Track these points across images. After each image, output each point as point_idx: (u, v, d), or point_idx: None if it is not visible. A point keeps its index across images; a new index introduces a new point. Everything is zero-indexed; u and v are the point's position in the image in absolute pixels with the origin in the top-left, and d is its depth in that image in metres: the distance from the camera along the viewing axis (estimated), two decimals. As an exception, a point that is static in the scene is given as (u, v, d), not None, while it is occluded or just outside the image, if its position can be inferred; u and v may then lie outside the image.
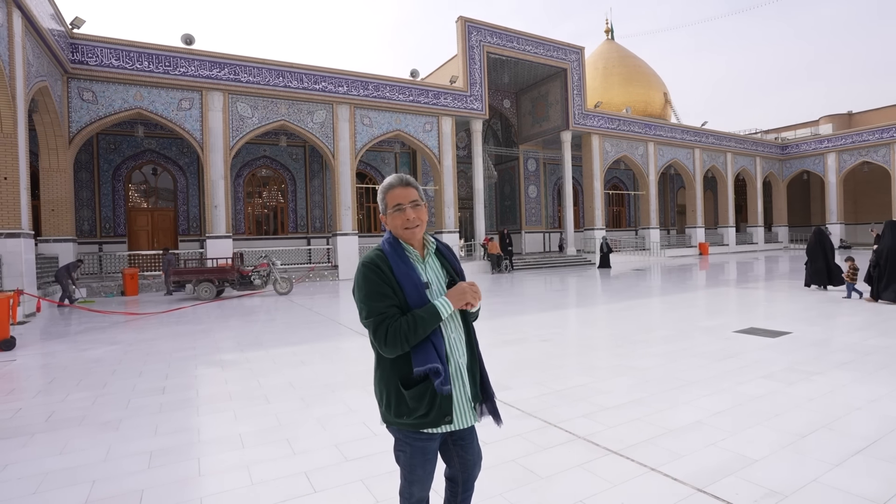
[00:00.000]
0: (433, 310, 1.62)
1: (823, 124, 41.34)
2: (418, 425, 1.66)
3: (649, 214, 28.26)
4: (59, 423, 3.98)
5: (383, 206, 1.75)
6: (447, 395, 1.65)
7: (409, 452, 1.71)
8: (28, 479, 2.99)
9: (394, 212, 1.72)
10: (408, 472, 1.75)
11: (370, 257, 1.68)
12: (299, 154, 22.93)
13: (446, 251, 1.84)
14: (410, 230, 1.72)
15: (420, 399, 1.63)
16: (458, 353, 1.72)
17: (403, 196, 1.72)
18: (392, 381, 1.67)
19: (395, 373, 1.66)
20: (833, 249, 10.97)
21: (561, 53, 24.19)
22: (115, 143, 19.37)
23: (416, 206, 1.73)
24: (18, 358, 6.51)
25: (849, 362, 5.07)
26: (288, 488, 2.78)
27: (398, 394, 1.65)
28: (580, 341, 6.98)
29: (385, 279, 1.63)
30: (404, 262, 1.68)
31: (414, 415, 1.64)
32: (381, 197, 1.77)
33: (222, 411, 4.16)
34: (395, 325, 1.58)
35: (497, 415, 1.82)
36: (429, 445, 1.71)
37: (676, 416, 3.74)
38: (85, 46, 14.73)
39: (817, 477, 2.72)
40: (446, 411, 1.66)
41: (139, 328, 8.79)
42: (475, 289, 1.71)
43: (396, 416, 1.67)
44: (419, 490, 1.78)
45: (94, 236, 18.91)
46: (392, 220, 1.73)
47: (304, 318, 9.37)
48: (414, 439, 1.70)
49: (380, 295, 1.61)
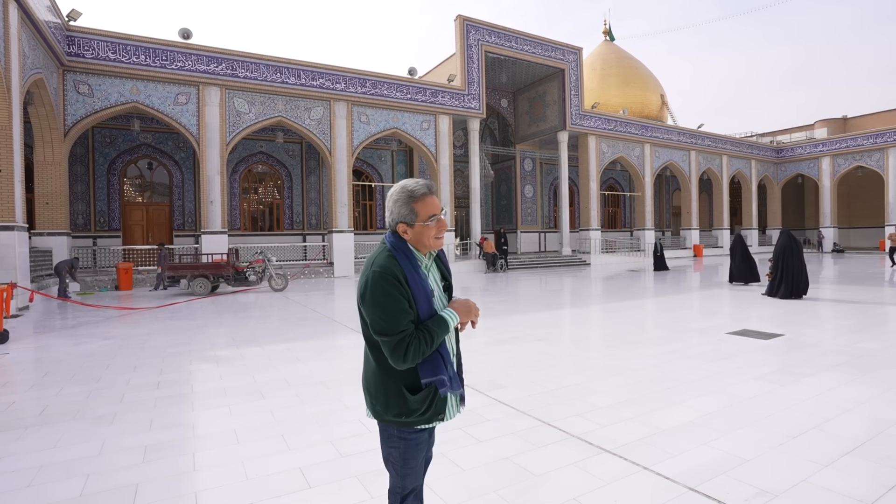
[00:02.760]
0: (444, 324, 1.63)
1: (818, 128, 41.64)
2: (415, 423, 1.69)
3: (645, 216, 28.37)
4: (53, 416, 3.97)
5: (412, 216, 1.63)
6: (445, 396, 1.70)
7: (403, 448, 1.74)
8: (22, 472, 2.98)
9: (429, 223, 1.64)
10: (400, 467, 1.78)
11: (386, 266, 1.59)
12: (296, 150, 22.88)
13: (442, 255, 1.86)
14: (439, 240, 1.69)
15: (423, 402, 1.67)
16: (453, 354, 1.79)
17: (438, 206, 1.66)
18: (395, 385, 1.67)
19: (401, 378, 1.66)
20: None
21: (559, 54, 24.24)
22: (111, 136, 19.26)
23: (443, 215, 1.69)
24: (12, 351, 6.48)
25: (840, 365, 5.12)
26: (283, 484, 2.79)
27: (400, 396, 1.67)
28: (574, 341, 7.02)
29: (403, 293, 1.58)
30: (417, 271, 1.64)
31: (414, 415, 1.68)
32: (402, 205, 1.64)
33: (217, 407, 4.17)
34: (415, 342, 1.56)
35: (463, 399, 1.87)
36: (420, 437, 1.76)
37: (669, 415, 3.77)
38: (81, 39, 14.64)
39: (807, 477, 2.76)
40: (440, 410, 1.71)
41: (133, 323, 8.76)
42: (478, 311, 1.75)
43: (395, 416, 1.69)
44: (412, 481, 1.81)
45: (89, 230, 18.81)
46: (423, 231, 1.64)
47: (300, 315, 9.37)
48: (409, 434, 1.73)
49: (402, 312, 1.56)
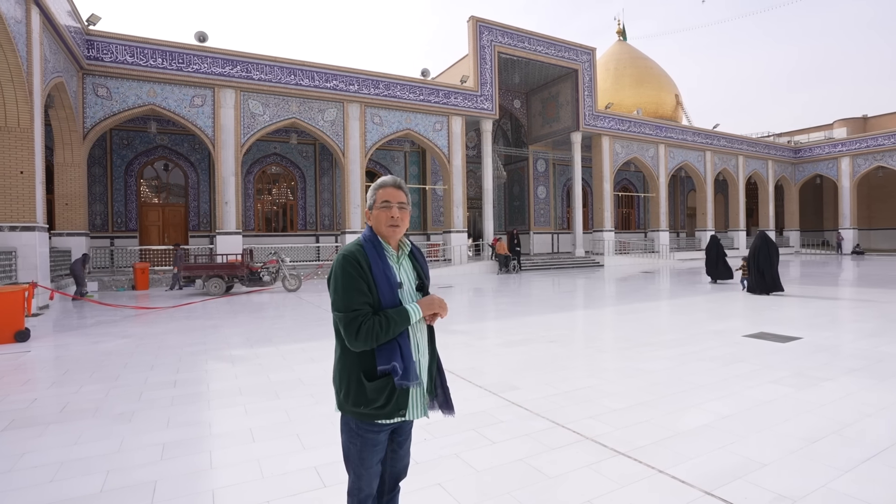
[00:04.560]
0: (405, 314, 1.71)
1: (838, 128, 40.86)
2: (374, 416, 1.73)
3: (659, 217, 28.09)
4: (73, 414, 4.05)
5: (372, 201, 1.84)
6: (405, 389, 1.73)
7: (360, 445, 1.78)
8: (44, 467, 3.05)
9: (381, 207, 1.81)
10: (357, 465, 1.81)
11: (350, 251, 1.74)
12: (309, 152, 23.05)
13: (419, 255, 1.94)
14: (392, 228, 1.80)
15: (381, 391, 1.70)
16: (420, 352, 1.82)
17: (393, 196, 1.82)
18: (354, 372, 1.74)
19: (359, 364, 1.73)
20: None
21: (572, 54, 24.11)
22: (128, 138, 19.59)
23: (402, 207, 1.83)
24: (33, 349, 6.62)
25: (860, 369, 5.03)
26: (298, 482, 2.82)
27: (359, 384, 1.72)
28: (588, 343, 6.97)
29: (362, 275, 1.69)
30: (382, 259, 1.76)
31: (372, 405, 1.71)
32: (371, 193, 1.87)
33: (233, 406, 4.22)
34: (368, 323, 1.65)
35: (448, 406, 1.92)
36: (378, 437, 1.78)
37: (685, 419, 3.74)
38: (100, 43, 14.91)
39: (827, 483, 2.71)
40: (402, 405, 1.74)
41: (150, 322, 8.90)
42: (444, 304, 1.82)
43: (354, 405, 1.73)
44: (367, 485, 1.83)
45: (106, 231, 19.13)
46: (378, 216, 1.81)
47: (313, 316, 9.44)
48: (366, 430, 1.76)
49: (356, 291, 1.68)
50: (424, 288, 1.88)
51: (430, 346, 1.88)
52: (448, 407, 1.92)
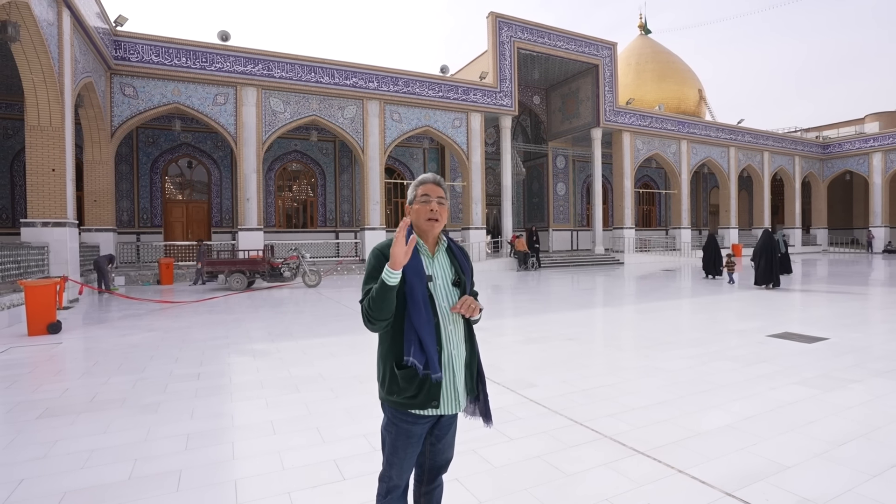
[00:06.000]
0: (381, 282, 1.65)
1: (869, 122, 39.63)
2: (406, 405, 1.74)
3: (681, 214, 27.63)
4: (102, 404, 4.18)
5: (412, 196, 1.87)
6: (437, 382, 1.73)
7: (395, 433, 1.80)
8: (76, 454, 3.16)
9: (421, 202, 1.83)
10: (390, 454, 1.84)
11: (382, 243, 1.78)
12: (329, 149, 23.26)
13: (457, 250, 1.93)
14: (431, 222, 1.82)
15: (410, 381, 1.72)
16: (453, 344, 1.79)
17: (433, 191, 1.86)
18: (388, 361, 1.77)
19: (392, 354, 1.76)
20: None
21: (593, 49, 23.82)
22: (154, 136, 20.03)
23: (440, 202, 1.86)
24: (64, 341, 6.84)
25: (891, 371, 4.88)
26: (318, 474, 2.87)
27: (392, 372, 1.75)
28: (607, 341, 6.92)
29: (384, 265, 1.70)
30: (415, 254, 1.77)
31: (403, 394, 1.73)
32: (411, 189, 1.89)
33: (254, 398, 4.30)
34: (367, 300, 1.70)
35: (488, 416, 1.92)
36: (413, 429, 1.79)
37: (706, 419, 3.68)
38: (127, 43, 15.27)
39: (853, 487, 2.65)
40: (434, 396, 1.74)
41: (174, 316, 9.11)
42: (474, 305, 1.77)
43: (389, 393, 1.77)
44: (397, 475, 1.85)
45: (133, 226, 19.62)
46: (417, 210, 1.83)
47: (333, 311, 9.54)
48: (401, 419, 1.78)
49: (373, 280, 1.71)
50: (461, 283, 1.86)
51: (469, 341, 1.87)
52: (488, 417, 1.91)
